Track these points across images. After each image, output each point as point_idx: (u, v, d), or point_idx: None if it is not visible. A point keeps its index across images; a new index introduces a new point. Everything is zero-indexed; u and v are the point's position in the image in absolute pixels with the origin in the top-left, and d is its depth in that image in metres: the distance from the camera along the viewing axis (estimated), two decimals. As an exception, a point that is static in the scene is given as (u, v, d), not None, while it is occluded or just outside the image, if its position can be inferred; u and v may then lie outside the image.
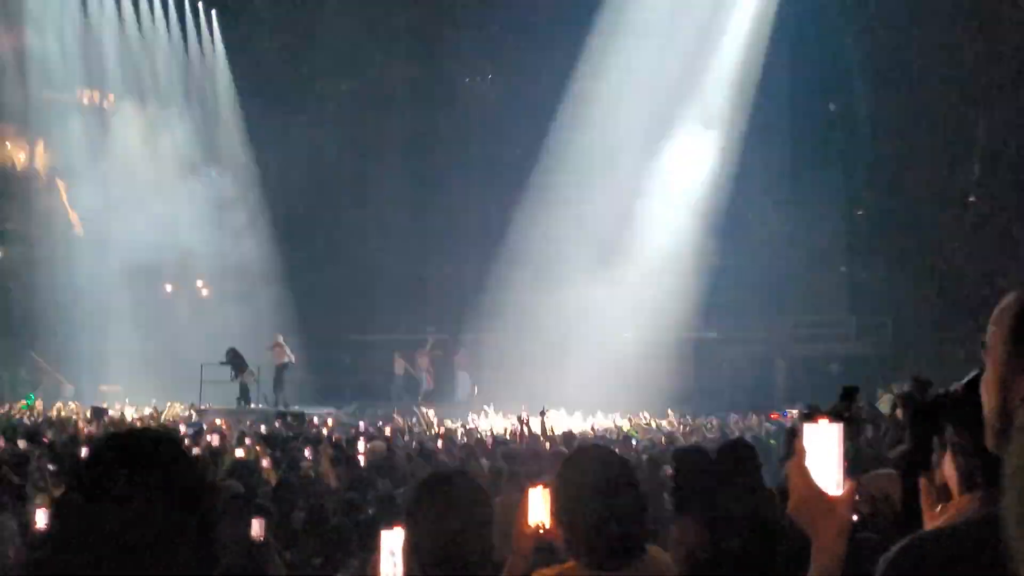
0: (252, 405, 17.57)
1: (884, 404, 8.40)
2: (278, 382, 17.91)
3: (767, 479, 4.12)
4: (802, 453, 1.38)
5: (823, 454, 1.39)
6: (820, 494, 1.37)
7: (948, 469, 1.48)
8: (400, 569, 1.98)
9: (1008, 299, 1.24)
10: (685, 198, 19.74)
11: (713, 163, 19.82)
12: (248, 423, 13.19)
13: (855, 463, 3.58)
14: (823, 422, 1.40)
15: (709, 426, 13.72)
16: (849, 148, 20.57)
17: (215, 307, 20.26)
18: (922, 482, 1.54)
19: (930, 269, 17.79)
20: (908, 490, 1.77)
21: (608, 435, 12.82)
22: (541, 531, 2.22)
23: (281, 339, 18.12)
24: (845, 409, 5.27)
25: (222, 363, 17.63)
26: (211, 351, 17.71)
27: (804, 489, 1.38)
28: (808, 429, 1.41)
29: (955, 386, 1.51)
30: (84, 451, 7.78)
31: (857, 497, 1.44)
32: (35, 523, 4.54)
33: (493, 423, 15.39)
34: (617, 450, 8.07)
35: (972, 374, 1.42)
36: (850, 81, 20.17)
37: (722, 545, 2.79)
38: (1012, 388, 1.18)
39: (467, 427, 13.78)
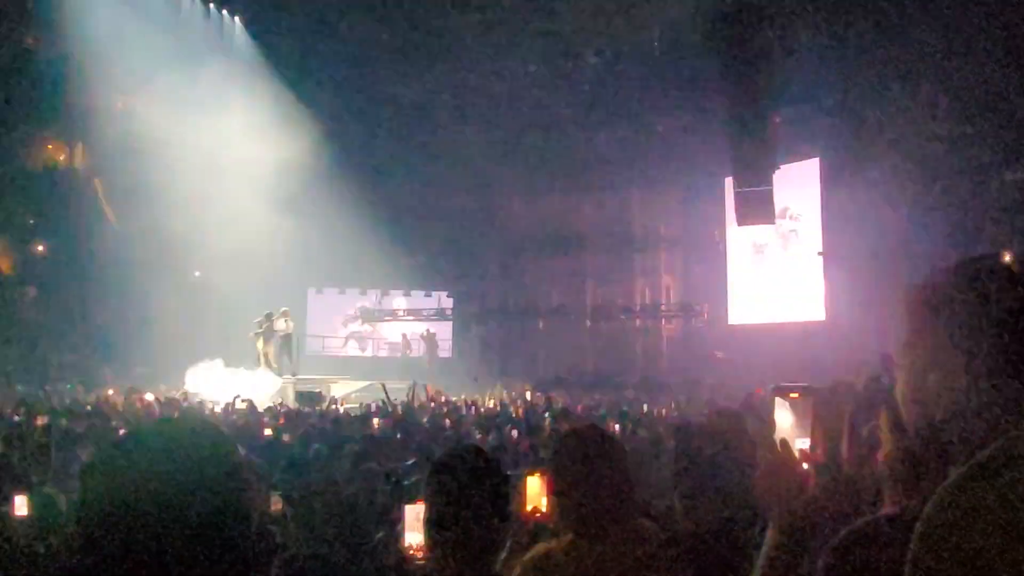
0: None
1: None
2: (284, 351, 18.00)
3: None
4: (772, 425, 1.32)
5: (794, 428, 1.32)
6: (788, 464, 1.29)
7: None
8: (420, 538, 2.08)
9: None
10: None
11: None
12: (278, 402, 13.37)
13: None
14: (794, 396, 1.33)
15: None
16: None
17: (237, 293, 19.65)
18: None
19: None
20: None
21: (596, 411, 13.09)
22: (537, 514, 2.33)
23: (286, 310, 18.12)
24: None
25: (257, 333, 17.83)
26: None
27: (772, 461, 1.30)
28: (779, 403, 1.32)
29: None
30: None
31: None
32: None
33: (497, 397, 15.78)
34: (616, 426, 8.27)
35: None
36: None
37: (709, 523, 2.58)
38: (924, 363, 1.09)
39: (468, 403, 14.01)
